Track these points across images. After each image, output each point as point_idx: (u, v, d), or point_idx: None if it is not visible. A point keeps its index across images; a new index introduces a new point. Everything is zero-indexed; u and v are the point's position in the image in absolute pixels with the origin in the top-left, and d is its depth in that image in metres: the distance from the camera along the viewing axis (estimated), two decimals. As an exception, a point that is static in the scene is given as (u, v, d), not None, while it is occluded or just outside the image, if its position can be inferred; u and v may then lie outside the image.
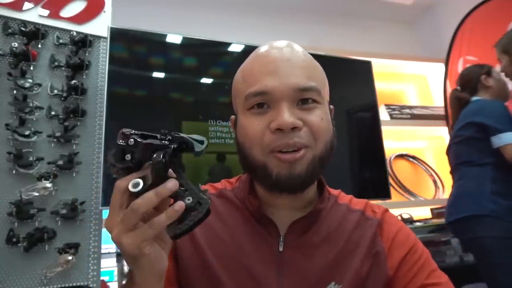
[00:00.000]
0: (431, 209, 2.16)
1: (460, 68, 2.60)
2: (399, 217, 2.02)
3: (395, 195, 2.32)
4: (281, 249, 0.59)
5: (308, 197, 0.63)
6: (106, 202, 1.37)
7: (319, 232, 0.61)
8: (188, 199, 0.44)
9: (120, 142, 0.46)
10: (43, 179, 1.30)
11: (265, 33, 2.56)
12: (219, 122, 1.68)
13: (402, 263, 0.59)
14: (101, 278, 1.37)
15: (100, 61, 1.54)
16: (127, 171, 0.46)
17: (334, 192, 0.70)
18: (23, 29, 1.38)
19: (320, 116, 0.58)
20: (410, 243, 0.62)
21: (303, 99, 0.58)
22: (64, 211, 1.31)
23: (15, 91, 1.33)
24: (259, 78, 0.58)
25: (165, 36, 1.71)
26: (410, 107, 2.60)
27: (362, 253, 0.60)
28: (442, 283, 0.58)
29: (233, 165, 1.67)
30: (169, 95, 1.68)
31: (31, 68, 1.39)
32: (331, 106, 0.67)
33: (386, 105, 2.51)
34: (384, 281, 0.59)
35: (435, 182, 2.58)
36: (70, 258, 1.27)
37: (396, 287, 0.59)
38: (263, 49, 0.62)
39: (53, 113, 1.39)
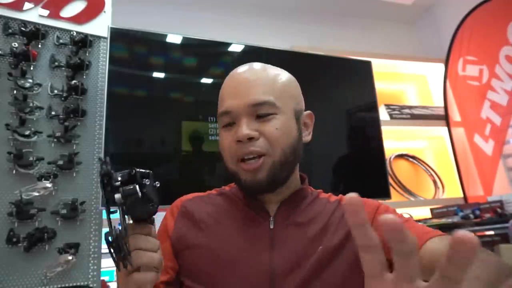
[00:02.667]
0: (431, 209, 2.16)
1: (460, 68, 2.61)
2: (399, 217, 2.02)
3: (395, 195, 2.32)
4: (272, 226, 0.70)
5: (289, 192, 0.75)
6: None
7: (304, 215, 0.72)
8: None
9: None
10: (43, 179, 1.30)
11: (265, 33, 2.56)
12: (219, 122, 1.69)
13: (373, 223, 0.69)
14: (101, 278, 1.37)
15: (100, 61, 1.54)
16: None
17: (317, 190, 0.82)
18: (23, 29, 1.38)
19: (275, 126, 0.68)
20: (374, 205, 0.74)
21: (259, 114, 0.68)
22: (64, 211, 1.31)
23: (15, 91, 1.33)
24: (225, 100, 0.72)
25: (165, 36, 1.72)
26: (410, 107, 2.60)
27: (340, 225, 0.71)
28: (406, 219, 0.71)
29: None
30: (169, 95, 1.68)
31: (31, 68, 1.39)
32: (306, 112, 0.78)
33: (386, 105, 2.51)
34: None
35: (435, 182, 2.58)
36: (70, 258, 1.27)
37: None
38: (231, 73, 0.75)
39: (53, 113, 1.39)
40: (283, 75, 0.76)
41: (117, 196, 0.52)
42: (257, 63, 0.75)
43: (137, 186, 0.53)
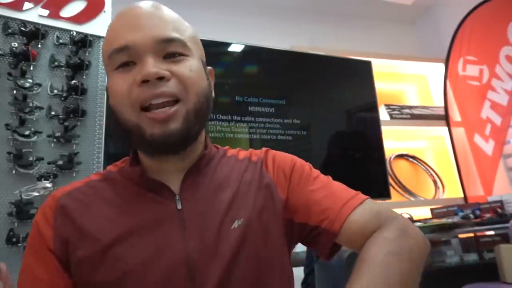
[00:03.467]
0: (431, 209, 2.16)
1: (460, 68, 2.61)
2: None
3: (395, 195, 2.32)
4: (179, 207, 0.57)
5: (196, 156, 0.62)
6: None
7: (212, 182, 0.61)
8: None
9: None
10: (43, 179, 1.30)
11: (265, 33, 2.56)
12: (218, 116, 1.69)
13: (290, 185, 0.64)
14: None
15: (100, 61, 1.54)
16: None
17: (223, 148, 0.71)
18: (23, 29, 1.38)
19: (189, 67, 0.56)
20: (290, 164, 0.66)
21: (169, 53, 0.56)
22: (64, 211, 1.31)
23: (15, 91, 1.33)
24: (121, 34, 0.55)
25: (165, 36, 1.71)
26: (410, 107, 2.60)
27: (254, 188, 0.62)
28: (324, 184, 0.64)
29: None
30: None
31: (31, 68, 1.39)
32: (209, 68, 0.67)
33: (386, 105, 2.51)
34: (281, 206, 0.62)
35: (435, 182, 2.58)
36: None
37: (290, 206, 0.63)
38: (127, 7, 0.59)
39: (53, 113, 1.39)
40: (184, 21, 0.65)
41: None
42: (152, 1, 0.62)
43: None
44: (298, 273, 1.76)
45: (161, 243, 0.54)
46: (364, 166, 1.99)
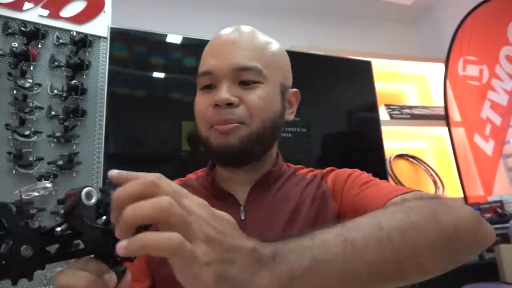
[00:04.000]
0: (431, 209, 2.16)
1: (460, 68, 2.61)
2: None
3: (395, 195, 2.32)
4: (242, 217, 0.63)
5: (264, 171, 0.68)
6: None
7: (276, 197, 0.66)
8: None
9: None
10: (43, 179, 1.30)
11: (265, 33, 2.55)
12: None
13: (342, 193, 0.66)
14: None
15: (100, 61, 1.54)
16: None
17: (295, 166, 0.76)
18: (23, 29, 1.38)
19: (259, 95, 0.62)
20: (348, 173, 0.69)
21: (243, 80, 0.62)
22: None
23: (15, 91, 1.33)
24: (207, 60, 0.65)
25: (165, 36, 1.71)
26: (410, 107, 2.59)
27: (311, 197, 0.66)
28: (373, 184, 0.63)
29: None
30: (169, 95, 1.68)
31: (31, 68, 1.39)
32: (293, 90, 0.72)
33: (386, 105, 2.51)
34: (333, 216, 0.65)
35: (435, 182, 2.58)
36: (70, 258, 1.27)
37: (342, 215, 0.65)
38: (218, 33, 0.68)
39: (53, 113, 1.39)
40: (274, 44, 0.70)
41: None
42: (247, 26, 0.70)
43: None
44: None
45: None
46: (364, 166, 1.99)
